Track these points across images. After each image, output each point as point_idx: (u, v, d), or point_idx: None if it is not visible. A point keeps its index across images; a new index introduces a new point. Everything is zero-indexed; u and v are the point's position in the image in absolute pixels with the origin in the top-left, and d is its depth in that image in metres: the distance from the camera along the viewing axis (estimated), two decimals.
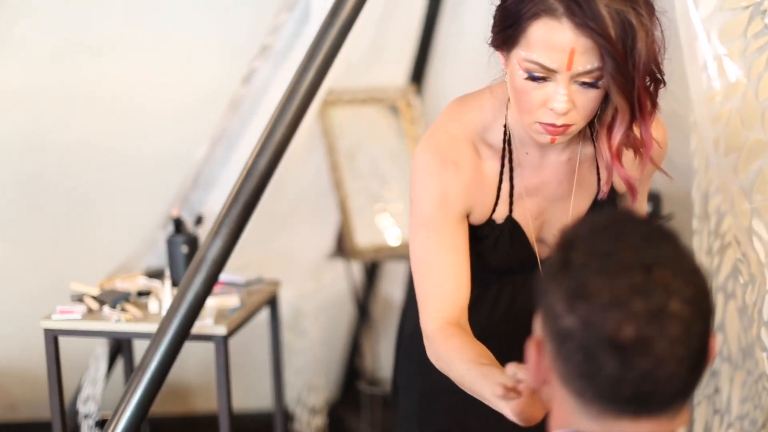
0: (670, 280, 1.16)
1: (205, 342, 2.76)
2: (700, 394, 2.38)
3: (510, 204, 1.89)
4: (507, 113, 1.84)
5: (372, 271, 4.03)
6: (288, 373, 3.67)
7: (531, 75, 1.68)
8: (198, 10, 3.77)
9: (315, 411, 3.76)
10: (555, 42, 1.63)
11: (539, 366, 1.26)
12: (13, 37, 3.67)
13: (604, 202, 1.91)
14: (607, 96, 1.70)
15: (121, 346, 3.30)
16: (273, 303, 3.23)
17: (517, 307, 2.02)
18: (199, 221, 3.08)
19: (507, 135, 1.86)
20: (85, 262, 3.68)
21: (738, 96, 2.09)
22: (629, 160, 1.81)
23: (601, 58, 1.63)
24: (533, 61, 1.66)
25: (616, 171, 1.79)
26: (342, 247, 3.72)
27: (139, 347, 3.29)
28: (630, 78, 1.65)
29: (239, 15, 3.76)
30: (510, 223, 1.90)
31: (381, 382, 3.90)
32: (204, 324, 2.69)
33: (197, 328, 2.58)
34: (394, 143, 3.82)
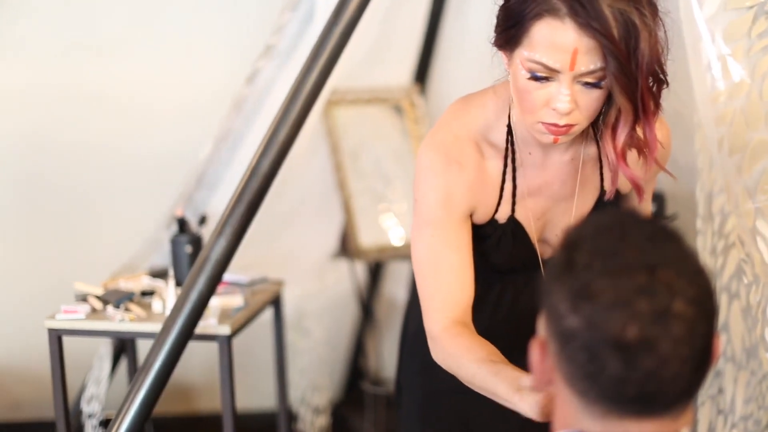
0: (674, 280, 1.16)
1: (209, 342, 2.76)
2: (704, 394, 2.38)
3: (513, 204, 1.89)
4: (510, 113, 1.84)
5: (376, 271, 4.03)
6: (292, 373, 3.68)
7: (534, 75, 1.68)
8: (201, 9, 3.77)
9: (318, 411, 3.76)
10: (558, 42, 1.63)
11: (543, 366, 1.26)
12: (16, 37, 3.67)
13: (607, 202, 1.90)
14: (611, 96, 1.70)
15: (125, 345, 3.30)
16: (277, 303, 3.23)
17: (520, 307, 2.02)
18: (203, 221, 3.09)
19: (510, 135, 1.86)
20: (89, 262, 3.68)
21: (742, 96, 2.09)
22: (633, 160, 1.80)
23: (604, 58, 1.63)
24: (536, 61, 1.66)
25: (621, 171, 1.79)
26: (346, 247, 3.72)
27: (143, 347, 3.29)
28: (633, 78, 1.65)
29: (243, 15, 3.76)
30: (512, 223, 1.90)
31: (384, 382, 3.90)
32: (208, 324, 2.70)
33: (201, 327, 2.58)
34: (398, 143, 3.82)
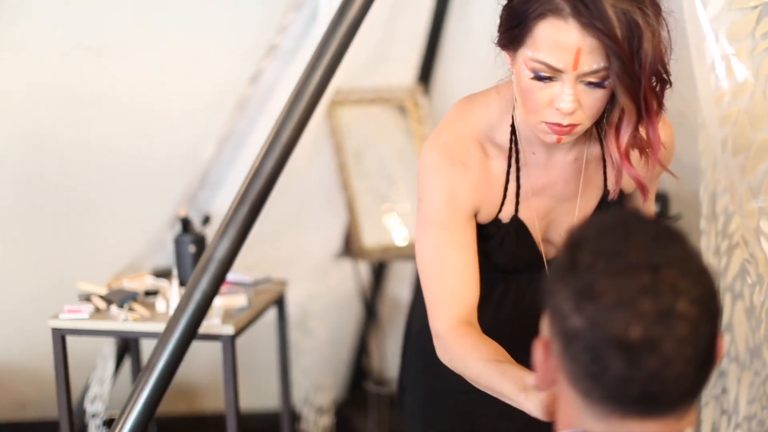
0: (677, 280, 1.15)
1: (213, 342, 2.76)
2: (707, 394, 2.38)
3: (516, 204, 1.89)
4: (514, 113, 1.84)
5: (379, 271, 4.04)
6: (295, 373, 3.68)
7: (537, 75, 1.68)
8: (204, 9, 3.77)
9: (322, 411, 3.77)
10: (561, 42, 1.63)
11: (546, 366, 1.26)
12: (17, 37, 3.67)
13: (611, 202, 1.90)
14: (614, 96, 1.70)
15: (129, 345, 3.30)
16: (280, 303, 3.23)
17: (523, 307, 2.02)
18: (207, 221, 3.09)
19: (514, 134, 1.86)
20: (93, 261, 3.68)
21: (746, 96, 2.08)
22: (636, 160, 1.80)
23: (607, 58, 1.63)
24: (539, 61, 1.66)
25: (626, 171, 1.79)
26: (349, 247, 3.72)
27: (147, 347, 3.29)
28: (636, 78, 1.65)
29: (247, 15, 3.76)
30: (516, 223, 1.90)
31: (388, 381, 3.90)
32: (211, 324, 2.70)
33: (204, 327, 2.59)
34: (401, 143, 3.82)
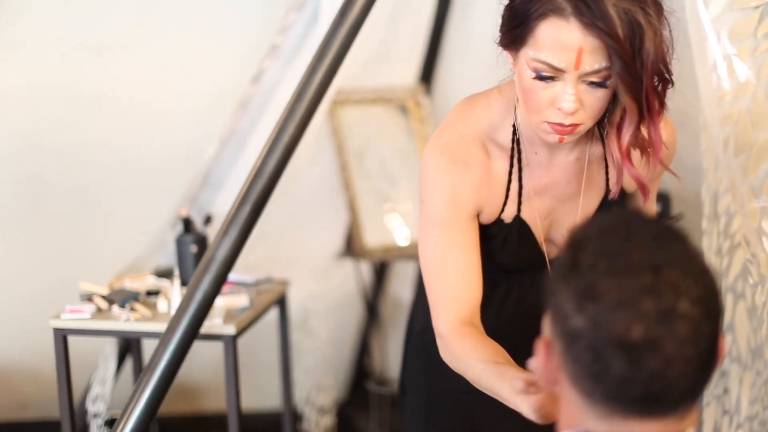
0: (679, 280, 1.15)
1: (214, 342, 2.76)
2: (709, 394, 2.37)
3: (518, 204, 1.89)
4: (516, 113, 1.84)
5: (381, 271, 4.03)
6: (297, 373, 3.68)
7: (539, 74, 1.68)
8: (206, 9, 3.77)
9: (324, 411, 3.76)
10: (563, 41, 1.63)
11: (548, 366, 1.26)
12: (18, 37, 3.68)
13: (613, 201, 1.90)
14: (616, 96, 1.70)
15: (130, 345, 3.31)
16: (282, 303, 3.23)
17: (526, 307, 2.01)
18: (208, 221, 3.09)
19: (516, 134, 1.86)
20: (95, 261, 3.68)
21: (748, 96, 2.08)
22: (638, 159, 1.80)
23: (609, 57, 1.63)
24: (541, 61, 1.66)
25: (627, 171, 1.79)
26: (351, 247, 3.72)
27: (148, 347, 3.29)
28: (638, 78, 1.64)
29: (248, 14, 3.76)
30: (518, 223, 1.90)
31: (390, 381, 3.90)
32: (213, 324, 2.70)
33: (206, 327, 2.58)
34: (403, 143, 3.81)
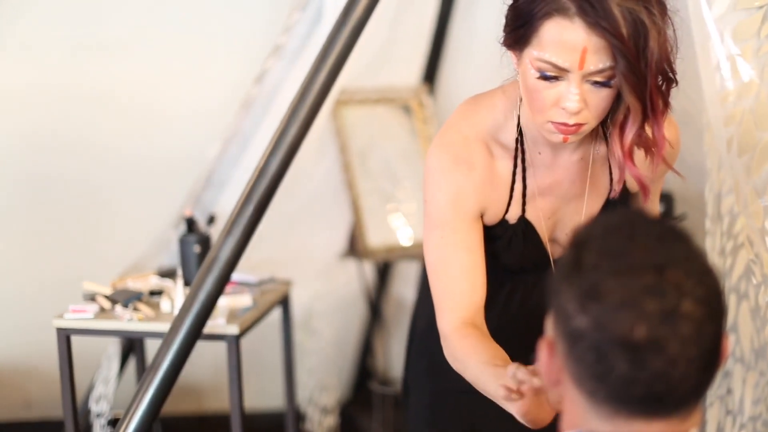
0: (682, 280, 1.15)
1: (217, 341, 2.76)
2: (712, 395, 2.37)
3: (523, 204, 1.89)
4: (519, 113, 1.84)
5: (384, 271, 4.03)
6: (300, 373, 3.68)
7: (543, 74, 1.68)
8: (210, 9, 3.78)
9: (327, 411, 3.76)
10: (567, 41, 1.63)
11: (551, 366, 1.25)
12: (23, 37, 3.68)
13: (616, 201, 1.90)
14: (620, 95, 1.70)
15: (134, 345, 3.31)
16: (285, 303, 3.24)
17: (530, 307, 2.01)
18: (212, 221, 3.09)
19: (520, 135, 1.86)
20: (98, 261, 3.69)
21: (751, 96, 2.08)
22: (641, 159, 1.80)
23: (613, 57, 1.63)
24: (545, 61, 1.66)
25: (628, 170, 1.78)
26: (354, 247, 3.72)
27: (151, 346, 3.29)
28: (642, 77, 1.64)
29: (252, 15, 3.76)
30: (523, 224, 1.90)
31: (393, 381, 3.90)
32: (216, 323, 2.70)
33: (209, 327, 2.59)
34: (406, 143, 3.82)
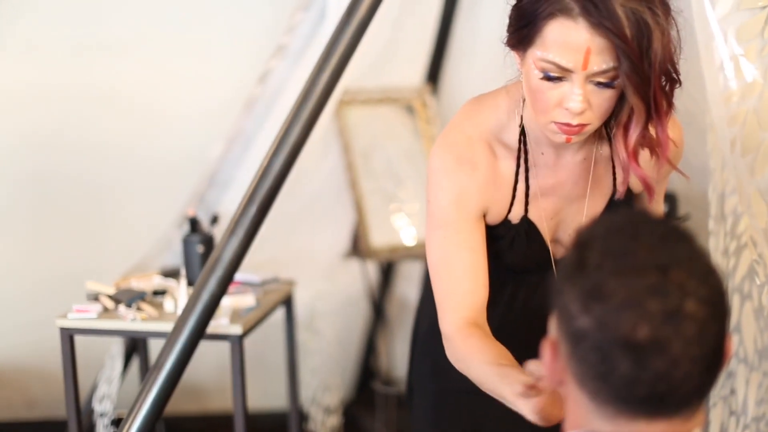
0: (685, 280, 1.15)
1: (221, 341, 2.76)
2: (715, 395, 2.37)
3: (525, 204, 1.89)
4: (522, 113, 1.84)
5: (387, 271, 4.04)
6: (303, 373, 3.68)
7: (547, 75, 1.67)
8: (213, 9, 3.78)
9: (330, 411, 3.76)
10: (571, 42, 1.63)
11: (554, 366, 1.26)
12: (28, 36, 3.68)
13: (619, 202, 1.90)
14: (623, 96, 1.70)
15: (137, 345, 3.31)
16: (288, 303, 3.24)
17: (532, 307, 2.01)
18: (215, 221, 3.09)
19: (523, 135, 1.85)
20: (101, 261, 3.69)
21: (755, 96, 2.08)
22: (645, 160, 1.80)
23: (617, 57, 1.63)
24: (549, 61, 1.66)
25: (632, 171, 1.78)
26: (357, 247, 3.72)
27: (155, 346, 3.30)
28: (646, 78, 1.64)
29: (255, 15, 3.76)
30: (526, 224, 1.90)
31: (396, 381, 3.90)
32: (219, 323, 2.70)
33: (212, 327, 2.59)
34: (409, 143, 3.81)
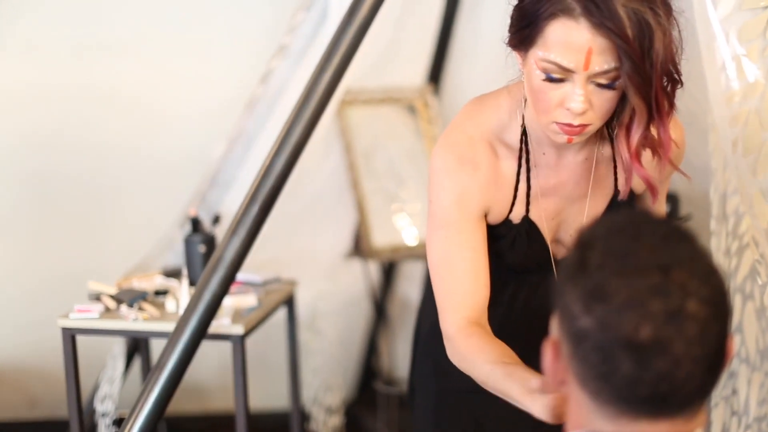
0: (687, 280, 1.15)
1: (222, 341, 2.76)
2: (717, 395, 2.37)
3: (527, 204, 1.89)
4: (524, 113, 1.84)
5: (389, 271, 4.04)
6: (305, 373, 3.68)
7: (548, 75, 1.67)
8: (215, 9, 3.78)
9: (331, 411, 3.76)
10: (572, 42, 1.63)
11: (556, 366, 1.26)
12: (28, 36, 3.69)
13: (621, 202, 1.90)
14: (625, 96, 1.70)
15: (139, 345, 3.31)
16: (290, 303, 3.24)
17: (534, 307, 2.01)
18: (217, 221, 3.09)
19: (524, 135, 1.85)
20: (103, 261, 3.69)
21: (757, 96, 2.08)
22: (647, 160, 1.80)
23: (619, 58, 1.63)
24: (550, 61, 1.66)
25: (635, 171, 1.78)
26: (359, 247, 3.72)
27: (157, 346, 3.30)
28: (647, 78, 1.64)
29: (257, 15, 3.76)
30: (527, 224, 1.90)
31: (397, 381, 3.90)
32: (221, 323, 2.70)
33: (214, 327, 2.59)
34: (411, 143, 3.81)
